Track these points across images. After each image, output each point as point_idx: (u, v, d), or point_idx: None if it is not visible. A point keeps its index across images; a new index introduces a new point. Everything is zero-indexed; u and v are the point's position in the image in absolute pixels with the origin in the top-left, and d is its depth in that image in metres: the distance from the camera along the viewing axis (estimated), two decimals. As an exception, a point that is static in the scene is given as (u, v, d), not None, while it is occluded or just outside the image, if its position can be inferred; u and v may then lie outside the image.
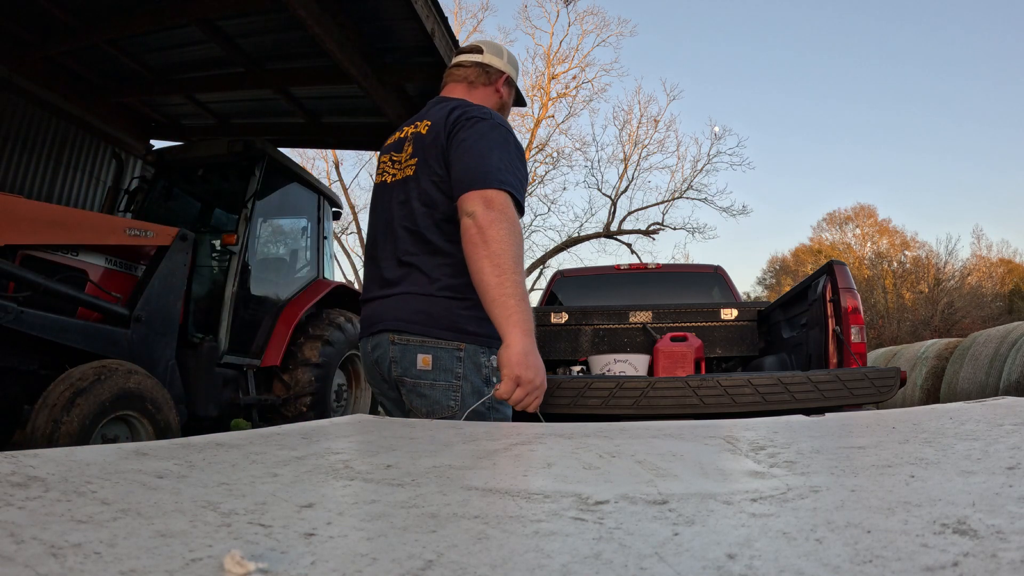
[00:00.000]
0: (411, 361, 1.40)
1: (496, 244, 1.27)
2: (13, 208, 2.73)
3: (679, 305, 3.73)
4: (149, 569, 0.30)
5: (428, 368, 1.39)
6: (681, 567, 0.31)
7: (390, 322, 1.44)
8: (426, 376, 1.39)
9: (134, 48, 4.83)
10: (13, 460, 0.50)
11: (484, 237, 1.28)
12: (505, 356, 1.25)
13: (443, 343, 1.40)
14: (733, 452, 0.67)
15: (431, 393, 1.39)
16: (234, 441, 0.74)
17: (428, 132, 1.45)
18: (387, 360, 1.43)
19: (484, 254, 1.27)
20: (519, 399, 1.26)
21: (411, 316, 1.41)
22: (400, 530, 0.38)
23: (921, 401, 8.77)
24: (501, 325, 1.26)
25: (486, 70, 1.60)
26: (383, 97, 4.95)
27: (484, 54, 1.61)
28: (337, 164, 20.19)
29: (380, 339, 1.46)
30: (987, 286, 26.73)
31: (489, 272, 1.27)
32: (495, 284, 1.26)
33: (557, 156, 19.48)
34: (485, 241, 1.28)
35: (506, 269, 1.26)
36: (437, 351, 1.40)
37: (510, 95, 1.68)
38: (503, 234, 1.28)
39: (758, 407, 2.11)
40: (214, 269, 4.06)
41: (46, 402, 2.47)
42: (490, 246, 1.27)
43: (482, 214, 1.29)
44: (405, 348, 1.41)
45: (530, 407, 1.28)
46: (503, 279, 1.26)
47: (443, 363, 1.39)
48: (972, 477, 0.47)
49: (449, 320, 1.40)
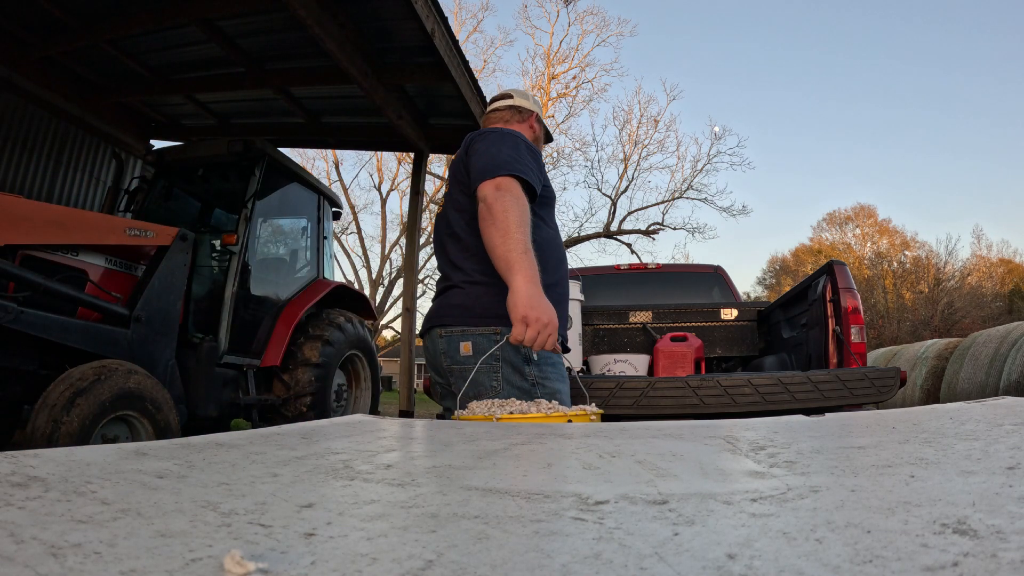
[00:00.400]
0: (455, 349, 1.55)
1: (500, 214, 1.41)
2: (13, 208, 2.73)
3: (679, 305, 3.73)
4: (149, 569, 0.30)
5: (469, 354, 1.52)
6: (681, 567, 0.30)
7: (436, 319, 1.62)
8: (468, 362, 1.52)
9: (134, 48, 4.83)
10: (13, 460, 0.50)
11: (491, 212, 1.43)
12: (510, 301, 1.36)
13: (480, 329, 1.53)
14: (733, 452, 0.67)
15: (475, 377, 1.49)
16: (234, 441, 0.74)
17: (456, 157, 1.69)
18: (438, 354, 1.61)
19: (491, 224, 1.42)
20: (532, 338, 1.35)
21: (451, 310, 1.59)
22: (400, 530, 0.38)
23: (921, 401, 8.77)
24: (506, 277, 1.39)
25: (519, 110, 1.81)
26: (383, 97, 4.95)
27: (515, 98, 1.83)
28: (337, 164, 20.20)
29: (431, 335, 1.64)
30: (987, 286, 26.73)
31: (495, 237, 1.41)
32: (500, 244, 1.40)
33: (557, 156, 19.49)
34: (492, 215, 1.43)
35: (510, 231, 1.39)
36: (476, 337, 1.53)
37: (541, 131, 1.86)
38: (507, 205, 1.42)
39: (758, 407, 2.11)
40: (214, 269, 4.06)
41: (46, 402, 2.47)
42: (495, 217, 1.42)
43: (491, 195, 1.44)
44: (450, 339, 1.57)
45: (547, 345, 1.37)
46: (507, 239, 1.39)
47: (482, 347, 1.51)
48: (972, 477, 0.47)
49: (483, 307, 1.54)
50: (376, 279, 20.10)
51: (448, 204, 1.66)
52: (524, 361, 1.51)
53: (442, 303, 1.63)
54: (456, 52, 4.64)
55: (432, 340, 1.64)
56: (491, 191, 1.44)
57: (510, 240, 1.39)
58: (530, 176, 1.51)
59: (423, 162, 6.24)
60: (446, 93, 5.16)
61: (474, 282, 1.56)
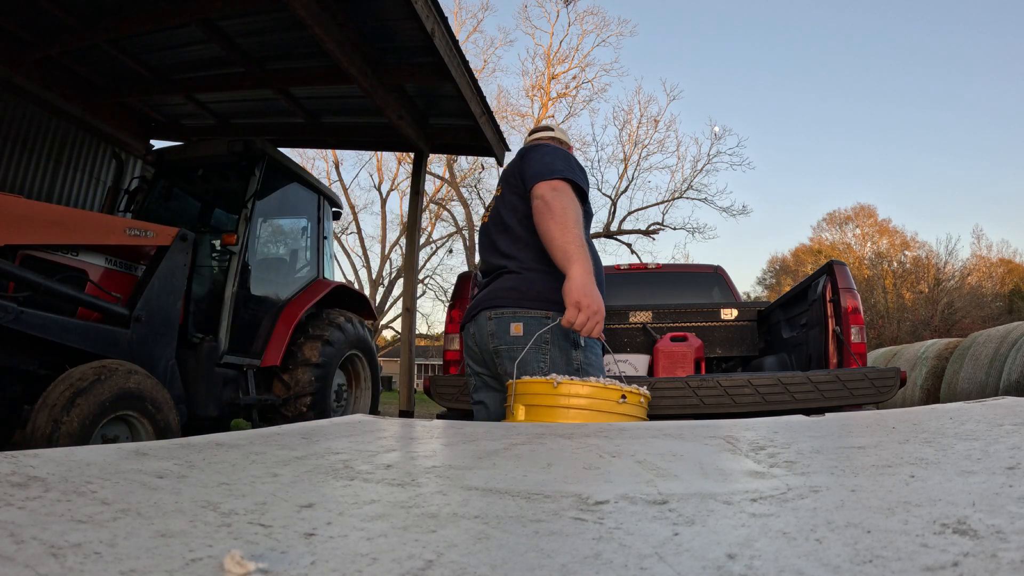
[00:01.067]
0: (505, 330, 1.64)
1: (559, 210, 1.55)
2: (13, 208, 2.73)
3: (679, 305, 3.73)
4: (149, 569, 0.30)
5: (520, 335, 1.61)
6: (681, 567, 0.30)
7: (485, 302, 1.71)
8: (518, 342, 1.60)
9: (134, 48, 4.83)
10: (13, 460, 0.50)
11: (550, 208, 1.56)
12: (567, 287, 1.47)
13: (532, 312, 1.62)
14: (733, 452, 0.67)
15: (523, 356, 1.57)
16: (234, 441, 0.74)
17: (509, 165, 1.85)
18: (485, 335, 1.68)
19: (550, 218, 1.55)
20: (582, 322, 1.46)
21: (503, 293, 1.68)
22: (400, 530, 0.38)
23: (921, 401, 8.77)
24: (563, 266, 1.50)
25: (560, 142, 1.97)
26: (383, 97, 4.95)
27: (555, 131, 2.01)
28: (337, 164, 20.22)
29: (478, 319, 1.72)
30: (987, 286, 26.73)
31: (555, 230, 1.54)
32: (559, 236, 1.52)
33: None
34: (551, 210, 1.56)
35: (568, 225, 1.53)
36: (527, 319, 1.62)
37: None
38: (565, 203, 1.57)
39: (758, 407, 2.11)
40: (214, 269, 4.05)
41: (46, 402, 2.47)
42: (554, 212, 1.55)
43: (548, 194, 1.58)
44: (500, 320, 1.66)
45: (593, 332, 1.48)
46: (565, 233, 1.52)
47: (532, 329, 1.60)
48: (972, 477, 0.47)
49: (536, 292, 1.64)
50: (376, 279, 20.11)
51: (500, 205, 1.80)
52: (572, 346, 1.61)
53: (493, 289, 1.72)
54: (456, 52, 4.64)
55: (479, 323, 1.71)
56: (548, 190, 1.58)
57: (568, 233, 1.52)
58: (581, 182, 1.66)
59: (423, 162, 6.24)
60: (446, 93, 5.16)
61: (528, 268, 1.68)
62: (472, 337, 1.76)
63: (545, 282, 1.64)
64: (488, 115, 5.56)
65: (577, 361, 1.61)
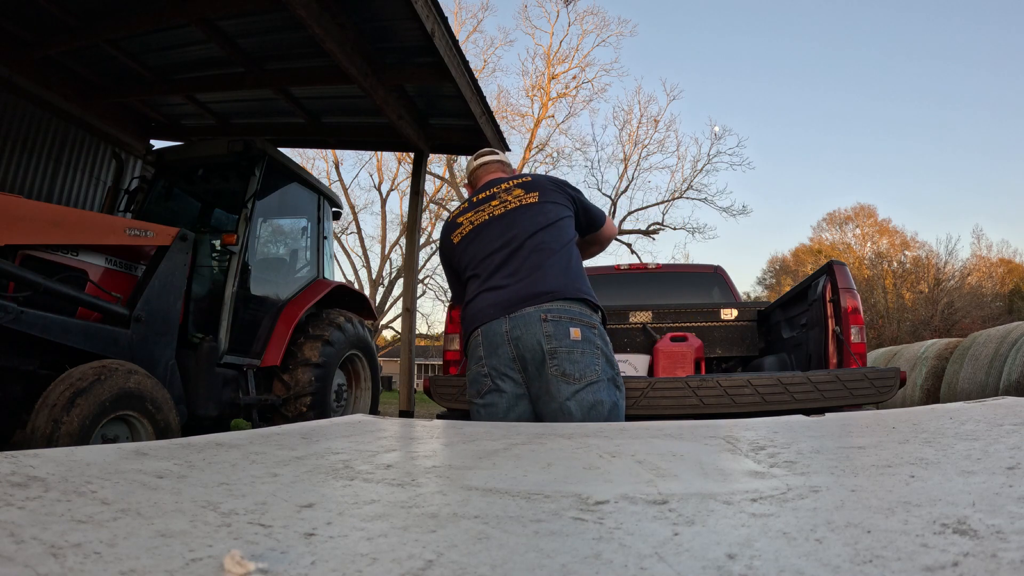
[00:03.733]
0: (564, 333, 1.71)
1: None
2: (13, 208, 2.73)
3: (679, 305, 3.73)
4: (149, 569, 0.30)
5: (578, 339, 1.69)
6: (681, 567, 0.30)
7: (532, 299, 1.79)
8: (577, 346, 1.70)
9: (134, 48, 4.83)
10: (13, 460, 0.50)
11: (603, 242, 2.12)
12: None
13: (586, 314, 1.75)
14: (733, 452, 0.67)
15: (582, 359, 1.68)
16: (234, 441, 0.74)
17: (543, 178, 1.99)
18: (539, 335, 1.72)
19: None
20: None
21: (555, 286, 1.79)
22: (400, 530, 0.38)
23: (921, 401, 8.76)
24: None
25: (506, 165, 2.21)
26: (383, 97, 4.95)
27: (499, 155, 2.22)
28: (337, 164, 20.23)
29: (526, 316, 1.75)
30: (987, 286, 26.73)
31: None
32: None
33: (557, 156, 19.50)
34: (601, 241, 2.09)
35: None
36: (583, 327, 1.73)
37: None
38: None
39: (758, 407, 2.11)
40: (214, 269, 4.05)
41: (46, 402, 2.47)
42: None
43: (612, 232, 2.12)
44: (557, 323, 1.73)
45: None
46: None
47: (587, 335, 1.72)
48: (972, 477, 0.47)
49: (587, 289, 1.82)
50: (376, 279, 20.11)
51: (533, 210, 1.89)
52: (612, 353, 1.76)
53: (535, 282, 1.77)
54: (456, 52, 4.64)
55: (527, 321, 1.73)
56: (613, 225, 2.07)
57: None
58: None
59: (423, 162, 6.24)
60: (446, 93, 5.16)
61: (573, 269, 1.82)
62: (504, 335, 1.73)
63: (582, 279, 1.80)
64: (488, 115, 5.56)
65: (615, 366, 1.74)
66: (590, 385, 1.63)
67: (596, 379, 1.64)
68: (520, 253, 1.82)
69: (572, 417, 1.61)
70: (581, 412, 1.62)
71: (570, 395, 1.62)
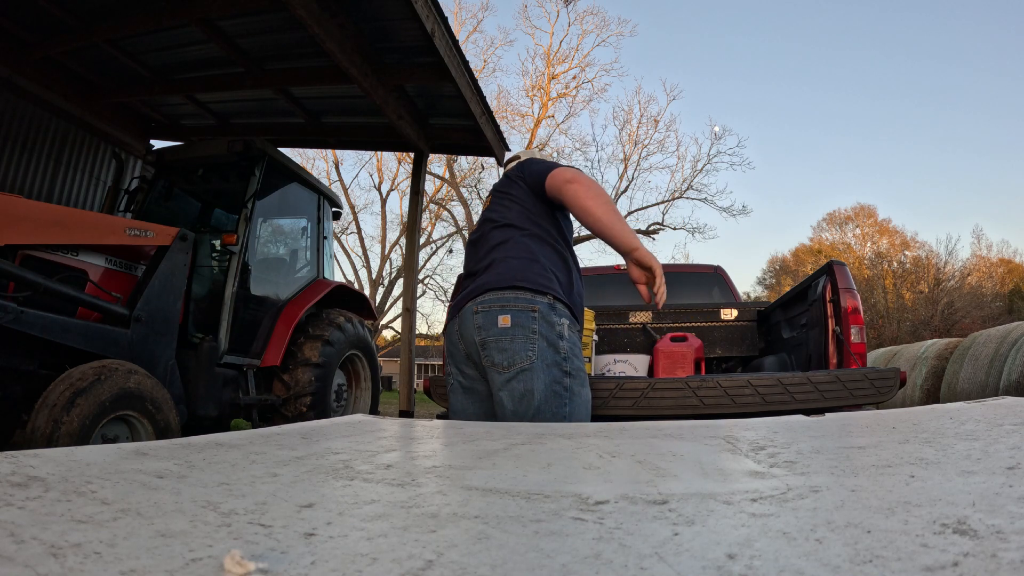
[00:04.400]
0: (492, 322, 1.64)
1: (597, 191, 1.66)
2: (13, 208, 2.73)
3: (679, 305, 3.73)
4: (149, 569, 0.30)
5: (507, 326, 1.61)
6: (681, 567, 0.30)
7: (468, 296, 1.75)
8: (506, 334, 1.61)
9: (134, 48, 4.83)
10: (13, 460, 0.50)
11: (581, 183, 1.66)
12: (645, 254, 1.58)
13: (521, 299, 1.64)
14: (733, 452, 0.67)
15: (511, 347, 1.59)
16: (234, 441, 0.74)
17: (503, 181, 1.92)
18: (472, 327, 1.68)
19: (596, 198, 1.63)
20: (660, 283, 1.58)
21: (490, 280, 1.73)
22: (400, 530, 0.38)
23: (921, 401, 8.76)
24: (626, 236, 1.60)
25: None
26: (383, 97, 4.95)
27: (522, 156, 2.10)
28: (337, 164, 20.22)
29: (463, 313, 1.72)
30: (987, 286, 26.73)
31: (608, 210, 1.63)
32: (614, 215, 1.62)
33: (557, 156, 19.49)
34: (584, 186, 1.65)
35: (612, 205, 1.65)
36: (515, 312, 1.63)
37: None
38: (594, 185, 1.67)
39: (758, 408, 2.11)
40: (214, 269, 4.05)
41: (46, 402, 2.47)
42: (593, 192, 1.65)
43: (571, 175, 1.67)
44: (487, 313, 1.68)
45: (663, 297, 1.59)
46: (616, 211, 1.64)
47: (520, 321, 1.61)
48: (972, 477, 0.47)
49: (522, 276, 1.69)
50: (376, 279, 20.11)
51: (490, 213, 1.84)
52: (558, 336, 1.61)
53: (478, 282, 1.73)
54: (456, 52, 4.64)
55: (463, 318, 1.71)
56: (571, 173, 1.67)
57: (617, 212, 1.64)
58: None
59: (423, 162, 6.24)
60: (446, 93, 5.16)
61: (516, 256, 1.70)
62: (456, 334, 1.73)
63: (524, 266, 1.66)
64: (488, 115, 5.56)
65: (563, 351, 1.59)
66: (521, 373, 1.53)
67: (527, 365, 1.53)
68: (478, 254, 1.82)
69: (504, 409, 1.54)
70: (512, 403, 1.53)
71: (502, 385, 1.55)
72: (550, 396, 1.53)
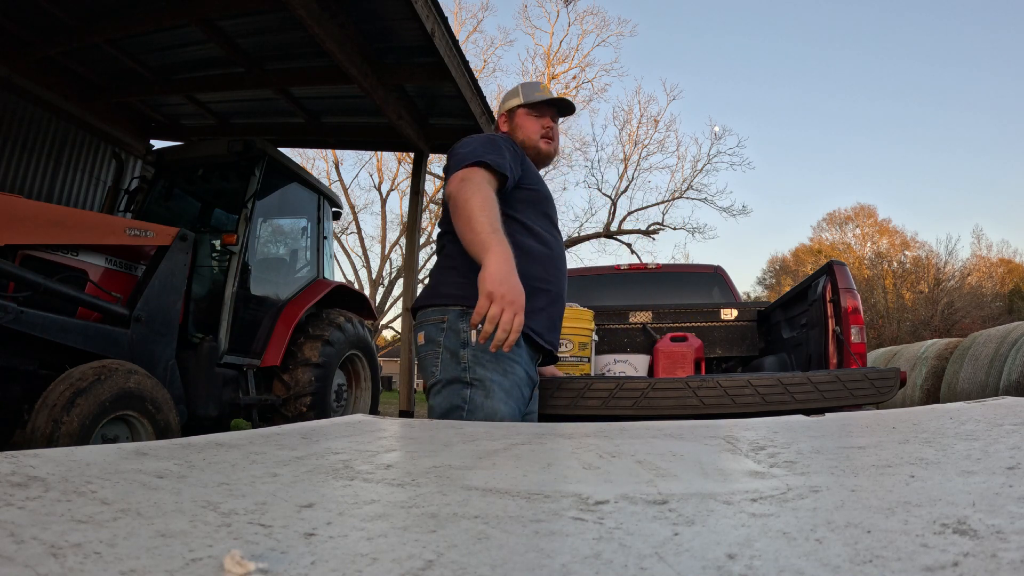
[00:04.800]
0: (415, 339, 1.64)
1: (462, 203, 1.41)
2: (13, 208, 2.73)
3: (679, 305, 3.73)
4: (149, 569, 0.30)
5: (422, 343, 1.58)
6: (681, 567, 0.30)
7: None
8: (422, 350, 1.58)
9: (134, 48, 4.83)
10: (13, 460, 0.50)
11: (455, 203, 1.44)
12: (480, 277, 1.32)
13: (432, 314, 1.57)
14: (733, 452, 0.67)
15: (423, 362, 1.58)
16: (234, 441, 0.74)
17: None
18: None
19: (457, 216, 1.43)
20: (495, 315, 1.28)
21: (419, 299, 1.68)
22: (400, 530, 0.38)
23: (921, 401, 8.76)
24: (479, 258, 1.35)
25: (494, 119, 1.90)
26: (383, 97, 4.95)
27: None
28: (337, 164, 20.19)
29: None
30: (987, 286, 26.73)
31: (463, 225, 1.41)
32: (468, 231, 1.39)
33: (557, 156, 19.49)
34: (456, 206, 1.43)
35: (473, 215, 1.39)
36: (427, 327, 1.57)
37: (511, 121, 1.86)
38: (468, 194, 1.42)
39: (758, 408, 2.11)
40: (214, 269, 4.05)
41: (46, 402, 2.47)
42: (459, 206, 1.42)
43: (454, 190, 1.46)
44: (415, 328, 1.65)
45: (512, 326, 1.28)
46: (472, 223, 1.38)
47: (431, 334, 1.56)
48: (972, 477, 0.47)
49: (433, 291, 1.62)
50: (376, 279, 20.10)
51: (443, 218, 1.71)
52: (461, 345, 1.48)
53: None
54: (456, 52, 4.64)
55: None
56: (454, 186, 1.46)
57: (475, 223, 1.37)
58: (493, 160, 1.49)
59: (423, 162, 6.24)
60: (446, 93, 5.16)
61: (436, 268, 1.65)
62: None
63: (441, 276, 1.59)
64: (488, 115, 5.56)
65: (464, 360, 1.47)
66: (431, 388, 1.52)
67: (433, 382, 1.51)
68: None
69: None
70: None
71: (431, 403, 1.54)
72: (448, 411, 1.46)
